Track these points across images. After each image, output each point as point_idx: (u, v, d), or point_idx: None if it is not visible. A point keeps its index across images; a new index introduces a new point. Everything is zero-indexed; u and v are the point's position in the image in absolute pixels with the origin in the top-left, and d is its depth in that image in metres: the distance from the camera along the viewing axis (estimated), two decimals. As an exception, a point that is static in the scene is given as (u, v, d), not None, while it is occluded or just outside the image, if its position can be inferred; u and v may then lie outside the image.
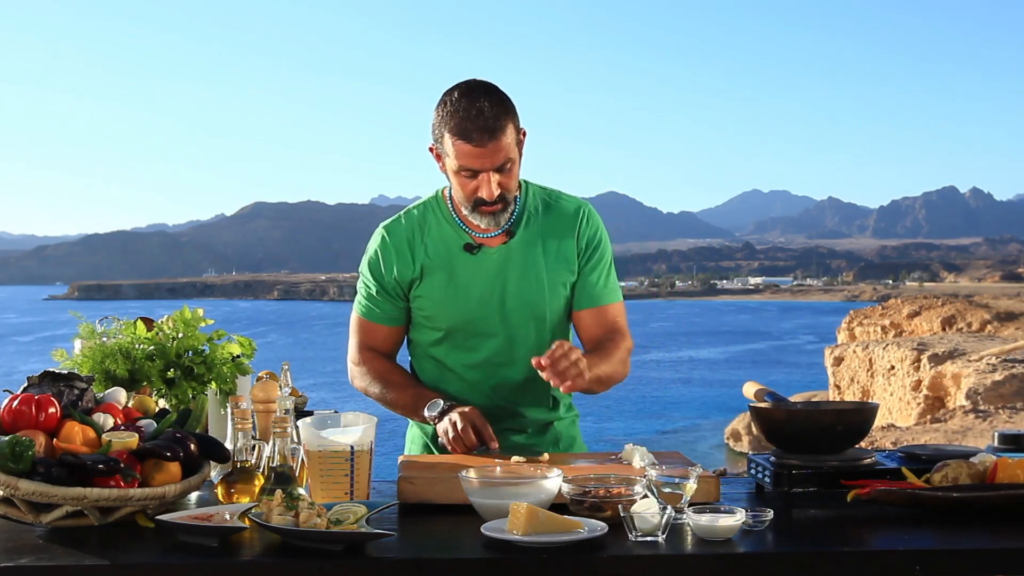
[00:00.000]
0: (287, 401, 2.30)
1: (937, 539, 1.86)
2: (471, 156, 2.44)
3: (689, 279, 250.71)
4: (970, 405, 16.82)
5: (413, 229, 2.65)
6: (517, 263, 2.62)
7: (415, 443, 2.81)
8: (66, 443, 1.94)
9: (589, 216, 2.69)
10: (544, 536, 1.75)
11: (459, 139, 2.43)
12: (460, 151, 2.44)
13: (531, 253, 2.62)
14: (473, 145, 2.42)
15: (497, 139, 2.42)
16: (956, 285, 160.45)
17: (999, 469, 2.01)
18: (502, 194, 2.50)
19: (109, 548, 1.80)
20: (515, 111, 2.50)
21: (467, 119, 2.41)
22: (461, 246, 2.61)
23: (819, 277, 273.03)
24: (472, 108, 2.42)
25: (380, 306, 2.68)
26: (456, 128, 2.43)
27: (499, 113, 2.43)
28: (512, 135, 2.47)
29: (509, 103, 2.48)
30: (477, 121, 2.41)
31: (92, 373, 2.33)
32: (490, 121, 2.41)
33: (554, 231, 2.65)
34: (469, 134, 2.42)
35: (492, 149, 2.43)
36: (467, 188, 2.50)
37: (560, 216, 2.67)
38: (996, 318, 29.94)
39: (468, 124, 2.41)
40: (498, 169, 2.46)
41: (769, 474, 2.08)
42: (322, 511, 1.79)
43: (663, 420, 36.69)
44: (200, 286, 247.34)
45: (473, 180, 2.48)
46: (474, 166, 2.45)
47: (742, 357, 63.14)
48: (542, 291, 2.62)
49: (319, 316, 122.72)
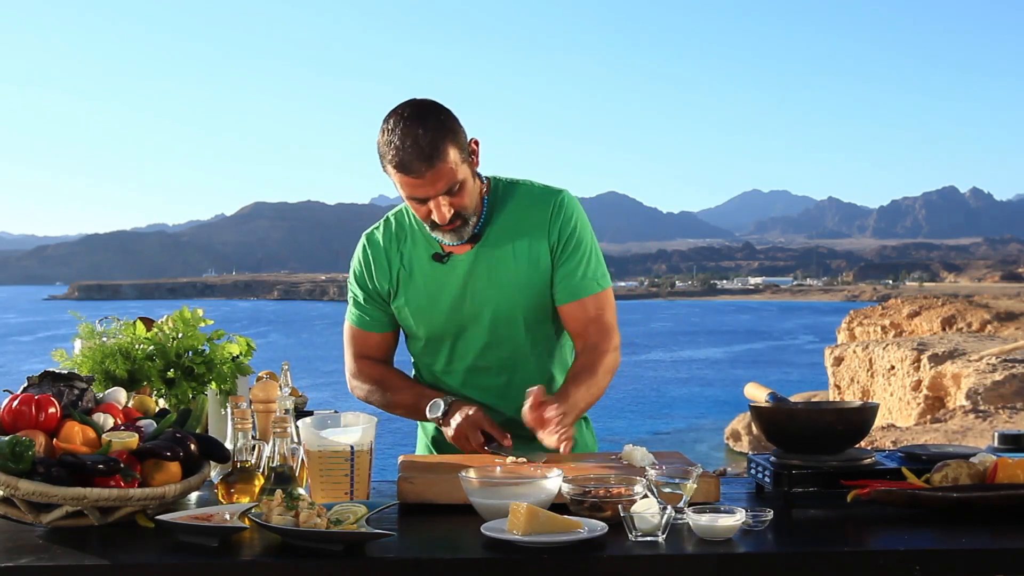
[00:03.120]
0: (287, 401, 2.30)
1: (937, 539, 1.86)
2: (414, 186, 2.41)
3: (689, 279, 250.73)
4: (970, 405, 16.82)
5: (390, 239, 2.65)
6: (485, 268, 2.59)
7: (421, 445, 2.83)
8: (66, 443, 1.94)
9: (561, 206, 2.61)
10: (544, 536, 1.75)
11: (399, 171, 2.40)
12: (402, 183, 2.42)
13: (500, 255, 2.59)
14: (412, 177, 2.39)
15: (436, 167, 2.37)
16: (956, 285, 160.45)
17: (999, 469, 2.01)
18: (457, 212, 2.47)
19: (109, 548, 1.80)
20: (457, 129, 2.43)
21: (402, 150, 2.37)
22: (430, 256, 2.61)
23: (819, 277, 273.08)
24: (407, 138, 2.36)
25: (369, 313, 2.69)
26: (394, 160, 2.39)
27: (435, 139, 2.37)
28: (455, 156, 2.40)
29: (449, 123, 2.41)
30: (413, 151, 2.36)
31: (92, 373, 2.33)
32: (427, 150, 2.36)
33: (523, 228, 2.60)
34: (407, 166, 2.38)
35: (432, 178, 2.39)
36: (420, 213, 2.49)
37: (529, 211, 2.61)
38: (996, 318, 29.94)
39: (404, 155, 2.37)
40: (448, 192, 2.43)
41: (769, 474, 2.08)
42: (322, 511, 1.79)
43: (663, 420, 36.69)
44: (200, 286, 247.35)
45: (424, 206, 2.46)
46: (419, 195, 2.43)
47: (742, 357, 63.13)
48: (513, 293, 2.59)
49: (319, 316, 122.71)
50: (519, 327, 2.63)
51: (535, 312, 2.63)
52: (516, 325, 2.63)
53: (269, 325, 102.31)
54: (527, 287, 2.60)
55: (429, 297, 2.61)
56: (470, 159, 2.48)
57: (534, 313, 2.63)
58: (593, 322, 2.61)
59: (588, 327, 2.61)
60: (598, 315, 2.61)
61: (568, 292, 2.60)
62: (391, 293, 2.65)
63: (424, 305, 2.62)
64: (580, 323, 2.61)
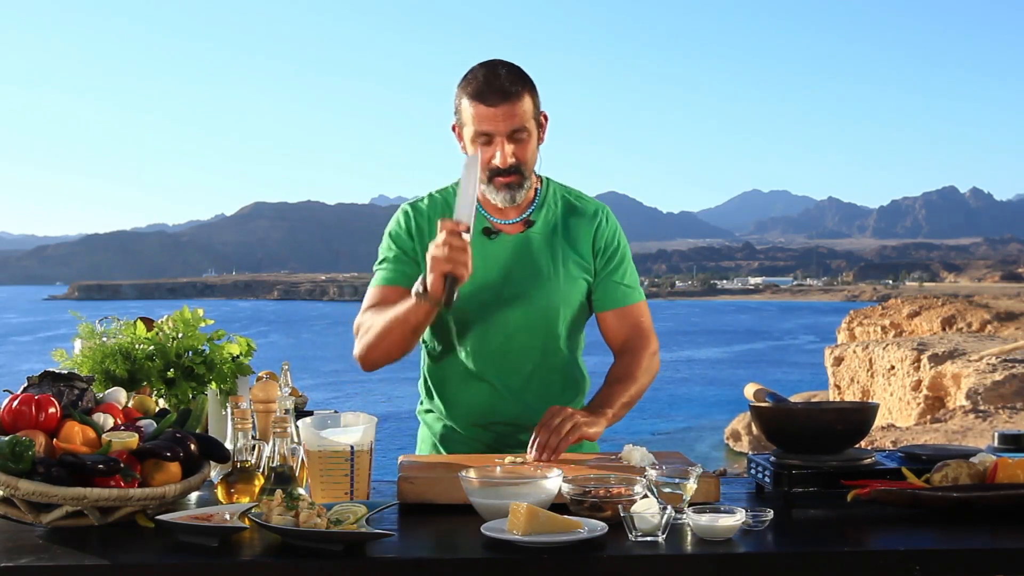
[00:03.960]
0: (287, 401, 2.30)
1: (937, 539, 1.86)
2: (486, 118, 2.47)
3: (689, 279, 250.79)
4: (970, 405, 16.82)
5: (436, 211, 2.64)
6: (534, 252, 2.63)
7: (424, 443, 2.79)
8: (66, 443, 1.94)
9: (607, 218, 2.71)
10: (544, 536, 1.75)
11: (474, 101, 2.48)
12: (476, 114, 2.48)
13: (548, 244, 2.64)
14: (487, 106, 2.46)
15: (512, 103, 2.47)
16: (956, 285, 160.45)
17: (999, 469, 2.01)
18: (517, 165, 2.52)
19: (109, 548, 1.80)
20: (534, 88, 2.54)
21: (484, 83, 2.47)
22: (480, 230, 2.61)
23: (819, 277, 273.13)
24: (490, 74, 2.48)
25: (399, 270, 2.62)
26: (472, 92, 2.48)
27: (515, 80, 2.49)
28: (529, 106, 2.51)
29: (529, 79, 2.53)
30: (493, 84, 2.47)
31: (92, 373, 2.33)
32: (506, 85, 2.47)
33: (572, 229, 2.67)
34: (484, 96, 2.47)
35: (506, 111, 2.47)
36: (484, 155, 2.52)
37: (578, 216, 2.69)
38: (996, 318, 29.95)
39: (484, 87, 2.47)
40: (513, 138, 2.49)
41: (769, 474, 2.08)
42: (322, 511, 1.79)
43: (663, 420, 36.69)
44: (200, 286, 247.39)
45: (488, 147, 2.50)
46: (488, 129, 2.48)
47: (742, 357, 63.14)
48: (557, 282, 2.62)
49: (319, 316, 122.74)
50: (557, 316, 2.64)
51: (574, 307, 2.67)
52: (555, 313, 2.63)
53: (269, 325, 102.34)
54: (570, 279, 2.64)
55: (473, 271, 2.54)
56: (540, 122, 2.57)
57: (572, 308, 2.67)
58: (632, 328, 2.69)
59: (628, 333, 2.69)
60: (638, 322, 2.70)
61: (609, 300, 2.68)
62: None
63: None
64: (620, 330, 2.69)
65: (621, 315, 2.69)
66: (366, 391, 38.93)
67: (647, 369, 2.66)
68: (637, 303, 2.71)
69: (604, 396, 2.57)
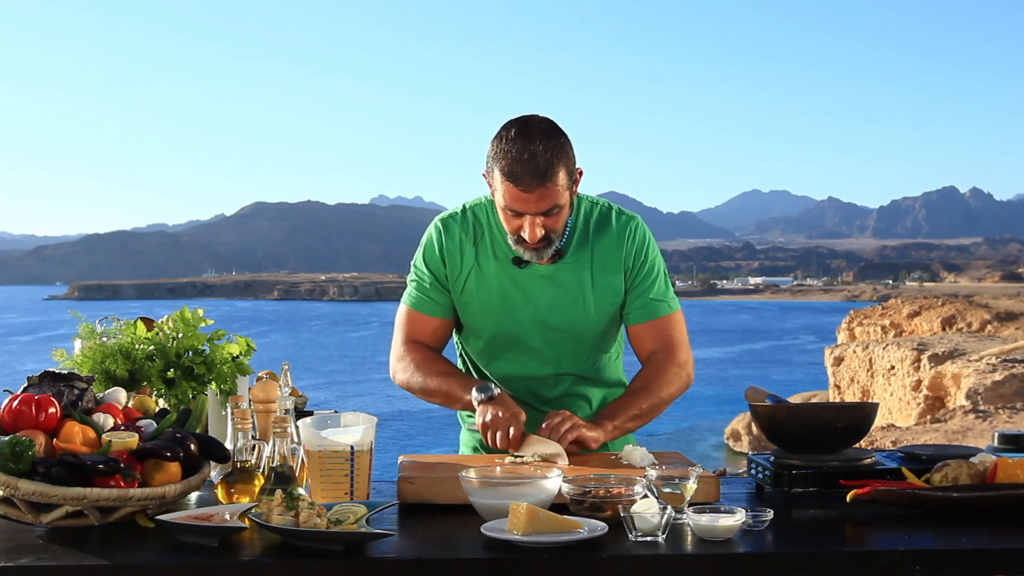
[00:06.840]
0: (287, 401, 2.30)
1: (937, 539, 1.86)
2: (517, 199, 2.42)
3: (689, 279, 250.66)
4: (970, 405, 16.82)
5: (467, 230, 2.63)
6: (564, 283, 2.60)
7: (466, 446, 2.81)
8: (66, 443, 1.94)
9: (635, 232, 2.66)
10: (544, 536, 1.75)
11: (507, 180, 2.41)
12: (507, 192, 2.42)
13: (579, 273, 2.61)
14: (520, 189, 2.40)
15: (546, 186, 2.40)
16: (956, 285, 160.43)
17: (999, 469, 2.01)
18: (546, 234, 2.49)
19: (109, 548, 1.80)
20: (571, 156, 2.47)
21: (518, 161, 2.39)
22: (510, 258, 2.60)
23: (819, 277, 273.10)
24: (525, 151, 2.39)
25: (432, 296, 2.65)
26: (506, 169, 2.41)
27: (552, 159, 2.40)
28: (564, 180, 2.44)
29: (567, 148, 2.45)
30: (528, 165, 2.38)
31: (92, 373, 2.33)
32: (541, 167, 2.38)
33: (603, 251, 2.63)
34: (518, 178, 2.39)
35: (539, 196, 2.41)
36: (511, 225, 2.49)
37: (608, 236, 2.64)
38: (996, 318, 29.94)
39: (518, 167, 2.39)
40: (544, 213, 2.45)
41: (769, 474, 2.08)
42: (322, 511, 1.79)
43: (663, 420, 36.66)
44: (200, 286, 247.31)
45: (518, 219, 2.47)
46: (519, 208, 2.44)
47: (742, 357, 63.13)
48: (588, 312, 2.62)
49: (319, 316, 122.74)
50: (586, 343, 2.65)
51: (602, 330, 2.67)
52: (584, 341, 2.65)
53: (269, 325, 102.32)
54: (601, 307, 2.63)
55: (503, 297, 2.60)
56: (572, 187, 2.51)
57: (600, 331, 2.67)
58: (660, 341, 2.65)
59: (657, 345, 2.65)
60: (668, 334, 2.66)
61: (641, 313, 2.65)
62: (460, 283, 2.62)
63: (495, 306, 2.61)
64: (649, 342, 2.66)
65: (649, 329, 2.65)
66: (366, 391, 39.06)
67: (670, 381, 2.61)
68: (666, 316, 2.66)
69: (613, 407, 2.56)
